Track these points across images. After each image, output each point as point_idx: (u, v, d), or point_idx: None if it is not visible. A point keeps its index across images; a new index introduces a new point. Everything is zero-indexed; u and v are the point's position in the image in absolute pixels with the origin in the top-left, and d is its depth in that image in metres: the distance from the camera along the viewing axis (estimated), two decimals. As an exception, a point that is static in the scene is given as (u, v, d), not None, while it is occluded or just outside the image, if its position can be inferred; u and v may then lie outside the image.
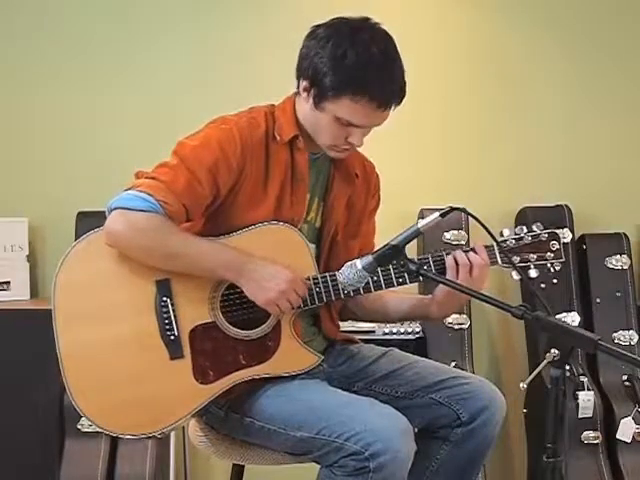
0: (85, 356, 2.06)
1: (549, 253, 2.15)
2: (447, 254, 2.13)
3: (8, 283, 3.40)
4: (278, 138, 2.14)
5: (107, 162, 3.52)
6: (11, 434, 3.11)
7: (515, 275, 2.11)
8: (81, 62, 3.57)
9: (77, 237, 2.12)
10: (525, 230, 2.15)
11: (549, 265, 2.16)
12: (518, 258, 2.14)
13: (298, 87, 2.14)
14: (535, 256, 2.15)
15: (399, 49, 2.10)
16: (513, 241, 2.15)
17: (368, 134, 2.13)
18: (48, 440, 3.15)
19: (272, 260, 2.08)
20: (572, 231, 3.38)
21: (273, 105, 2.21)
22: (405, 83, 2.08)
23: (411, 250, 3.31)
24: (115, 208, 2.03)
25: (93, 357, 2.06)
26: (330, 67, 2.03)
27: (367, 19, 2.10)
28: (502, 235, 2.15)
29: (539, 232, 2.15)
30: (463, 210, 1.91)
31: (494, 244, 2.12)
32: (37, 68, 3.57)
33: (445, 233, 3.45)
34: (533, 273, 2.15)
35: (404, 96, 2.09)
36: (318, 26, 2.11)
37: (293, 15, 3.57)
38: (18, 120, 3.58)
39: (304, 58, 2.10)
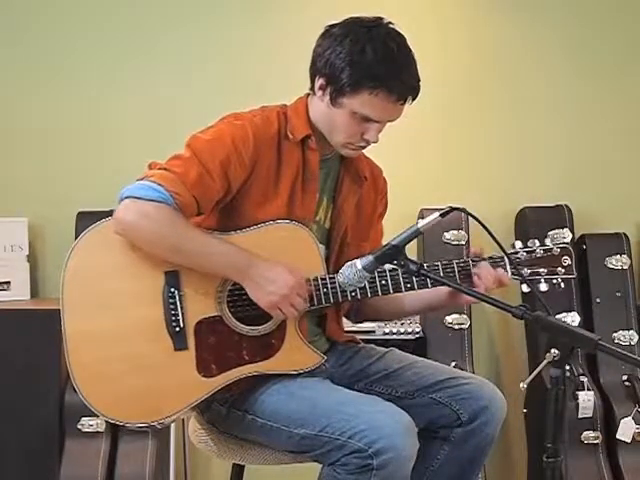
0: (90, 343, 2.07)
1: (560, 268, 2.15)
2: (474, 265, 2.14)
3: (8, 283, 3.40)
4: (291, 137, 2.15)
5: (107, 162, 3.53)
6: (11, 434, 3.11)
7: (525, 288, 2.12)
8: (81, 62, 3.58)
9: (77, 237, 2.11)
10: (538, 244, 2.15)
11: (559, 280, 2.16)
12: (528, 271, 2.14)
13: (312, 86, 2.15)
14: (546, 270, 2.15)
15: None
16: (524, 254, 2.15)
17: (382, 131, 2.14)
18: (48, 440, 3.15)
19: (280, 259, 2.08)
20: (572, 231, 3.38)
21: (285, 105, 2.22)
22: (420, 78, 2.11)
23: (411, 250, 3.33)
24: (126, 197, 2.04)
25: (98, 344, 2.07)
26: (348, 62, 2.05)
27: (380, 18, 2.12)
28: (514, 247, 2.16)
29: (552, 246, 2.15)
30: (463, 210, 1.91)
31: (505, 256, 2.12)
32: (37, 68, 3.57)
33: (445, 233, 3.45)
34: (543, 287, 2.14)
35: (419, 90, 2.11)
36: (332, 25, 2.12)
37: (294, 15, 3.57)
38: (18, 120, 3.58)
39: (319, 56, 2.11)
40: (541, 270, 2.15)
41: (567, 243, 2.16)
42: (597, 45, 3.68)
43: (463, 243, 3.44)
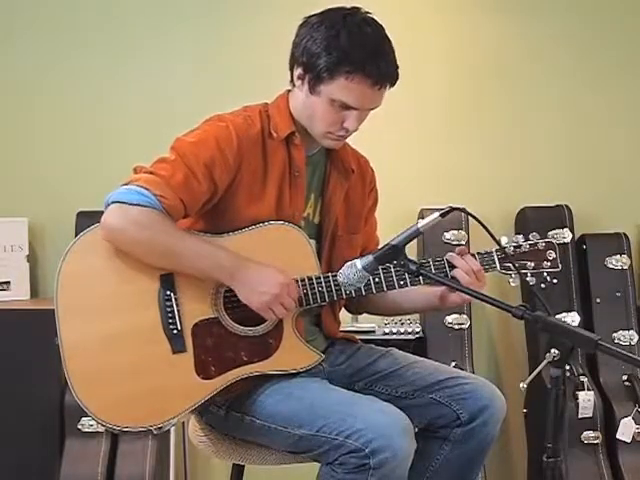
0: (87, 348, 2.06)
1: (546, 262, 2.19)
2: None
3: (8, 283, 3.40)
4: (274, 135, 2.15)
5: (107, 162, 3.53)
6: (11, 434, 3.11)
7: (512, 282, 2.17)
8: (81, 62, 3.58)
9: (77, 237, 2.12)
10: (522, 239, 2.19)
11: (545, 274, 2.19)
12: (516, 265, 2.17)
13: (292, 78, 2.15)
14: (532, 264, 2.19)
15: (398, 49, 2.11)
16: (512, 248, 2.18)
17: (364, 121, 2.13)
18: (48, 440, 3.15)
19: (274, 261, 2.08)
20: (572, 231, 3.38)
21: (267, 103, 2.23)
22: (398, 65, 2.10)
23: (411, 250, 3.33)
24: (112, 202, 2.03)
25: (95, 350, 2.06)
26: (324, 48, 2.05)
27: (358, 8, 2.13)
28: (500, 243, 2.17)
29: (536, 241, 2.19)
30: (463, 210, 1.91)
31: (493, 250, 2.17)
32: (36, 67, 3.57)
33: (445, 233, 3.45)
34: (530, 281, 2.18)
35: (398, 77, 2.10)
36: (310, 16, 2.14)
37: (294, 15, 3.56)
38: (18, 120, 3.58)
39: (297, 46, 2.12)
40: (528, 264, 2.18)
41: (555, 228, 2.21)
42: (598, 45, 3.67)
43: (463, 243, 3.44)
